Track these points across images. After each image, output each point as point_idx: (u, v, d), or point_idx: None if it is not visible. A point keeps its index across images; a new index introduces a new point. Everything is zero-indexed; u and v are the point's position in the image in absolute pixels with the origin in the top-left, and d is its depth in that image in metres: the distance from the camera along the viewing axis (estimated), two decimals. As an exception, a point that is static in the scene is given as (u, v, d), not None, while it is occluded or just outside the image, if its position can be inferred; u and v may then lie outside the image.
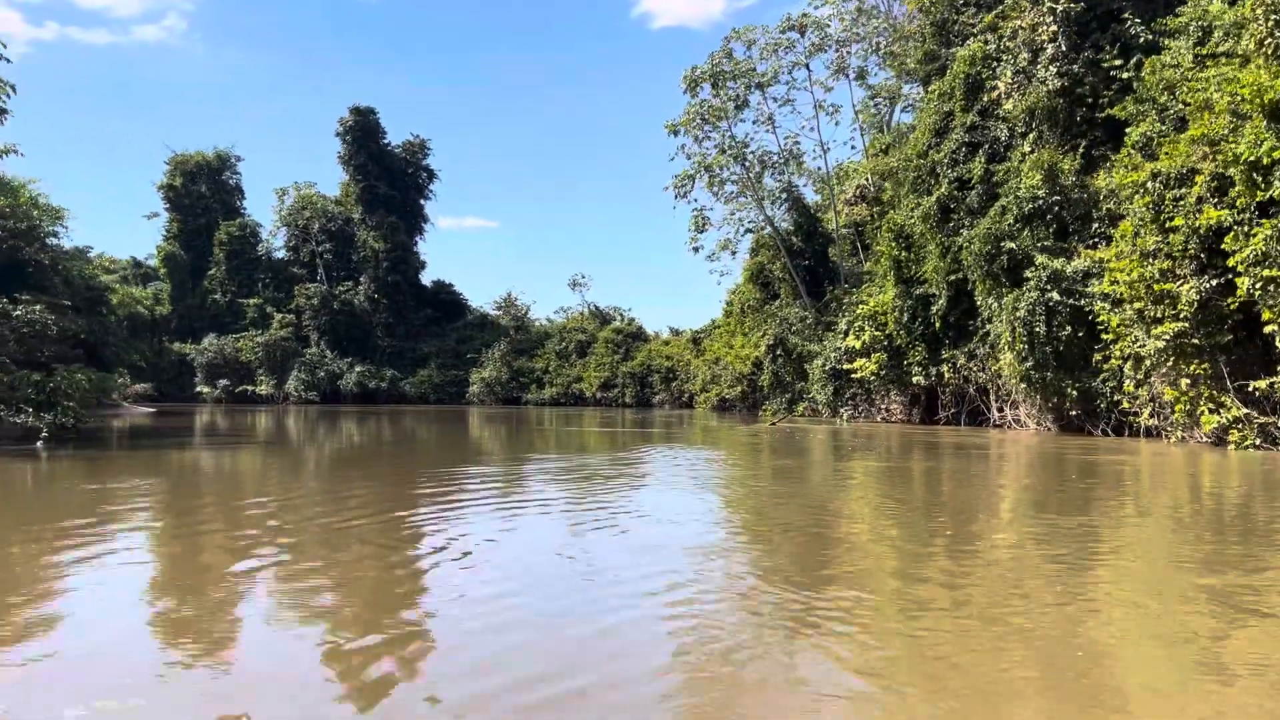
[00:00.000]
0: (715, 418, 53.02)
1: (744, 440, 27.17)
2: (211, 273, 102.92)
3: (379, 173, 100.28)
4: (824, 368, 40.37)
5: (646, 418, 52.06)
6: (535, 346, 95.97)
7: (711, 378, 60.38)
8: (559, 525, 11.76)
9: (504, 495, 15.16)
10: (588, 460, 21.76)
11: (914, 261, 35.48)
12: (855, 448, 23.74)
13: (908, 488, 15.62)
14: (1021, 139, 32.95)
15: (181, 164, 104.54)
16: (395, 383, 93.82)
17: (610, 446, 26.20)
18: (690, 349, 77.75)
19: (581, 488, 16.19)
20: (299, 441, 29.90)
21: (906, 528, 11.30)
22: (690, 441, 28.50)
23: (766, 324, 54.64)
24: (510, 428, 40.25)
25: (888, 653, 6.01)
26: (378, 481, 17.50)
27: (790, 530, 11.03)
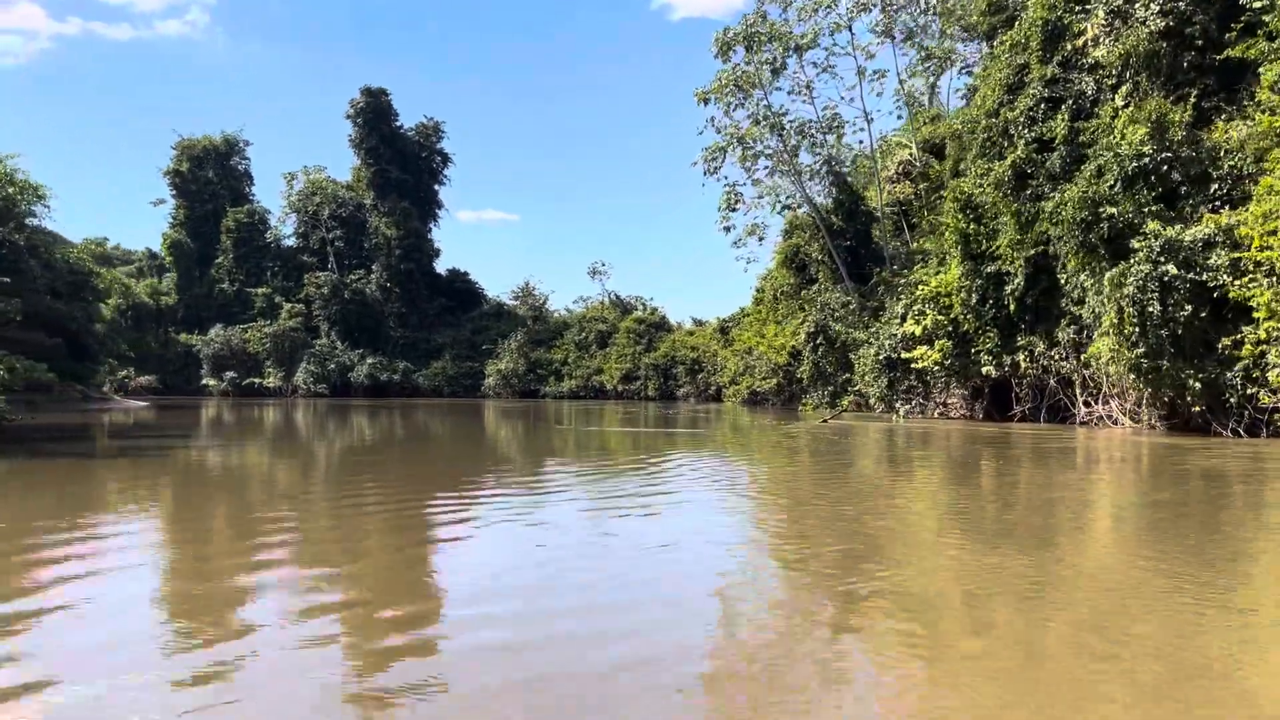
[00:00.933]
0: (747, 413, 48.76)
1: (795, 445, 22.81)
2: (219, 261, 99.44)
3: (391, 156, 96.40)
4: (877, 357, 36.02)
5: (672, 413, 47.87)
6: (554, 337, 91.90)
7: (744, 369, 56.08)
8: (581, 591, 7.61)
9: (521, 514, 11.13)
10: (611, 472, 17.64)
11: (984, 235, 31.07)
12: (966, 461, 19.43)
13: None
14: (1112, 91, 28.47)
15: (188, 149, 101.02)
16: (408, 375, 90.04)
17: (635, 450, 22.09)
18: (717, 339, 73.44)
19: (604, 506, 12.06)
20: (300, 442, 25.97)
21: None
22: (729, 446, 24.28)
23: (805, 311, 50.34)
24: (528, 424, 36.31)
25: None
26: (388, 500, 13.39)
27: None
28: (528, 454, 21.32)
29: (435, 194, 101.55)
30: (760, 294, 68.53)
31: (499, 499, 13.20)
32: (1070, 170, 28.66)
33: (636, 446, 22.78)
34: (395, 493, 13.88)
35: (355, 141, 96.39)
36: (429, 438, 28.30)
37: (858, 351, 41.90)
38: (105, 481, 15.30)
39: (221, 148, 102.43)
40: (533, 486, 15.29)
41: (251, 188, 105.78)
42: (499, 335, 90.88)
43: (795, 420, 37.03)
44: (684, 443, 23.68)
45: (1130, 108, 27.33)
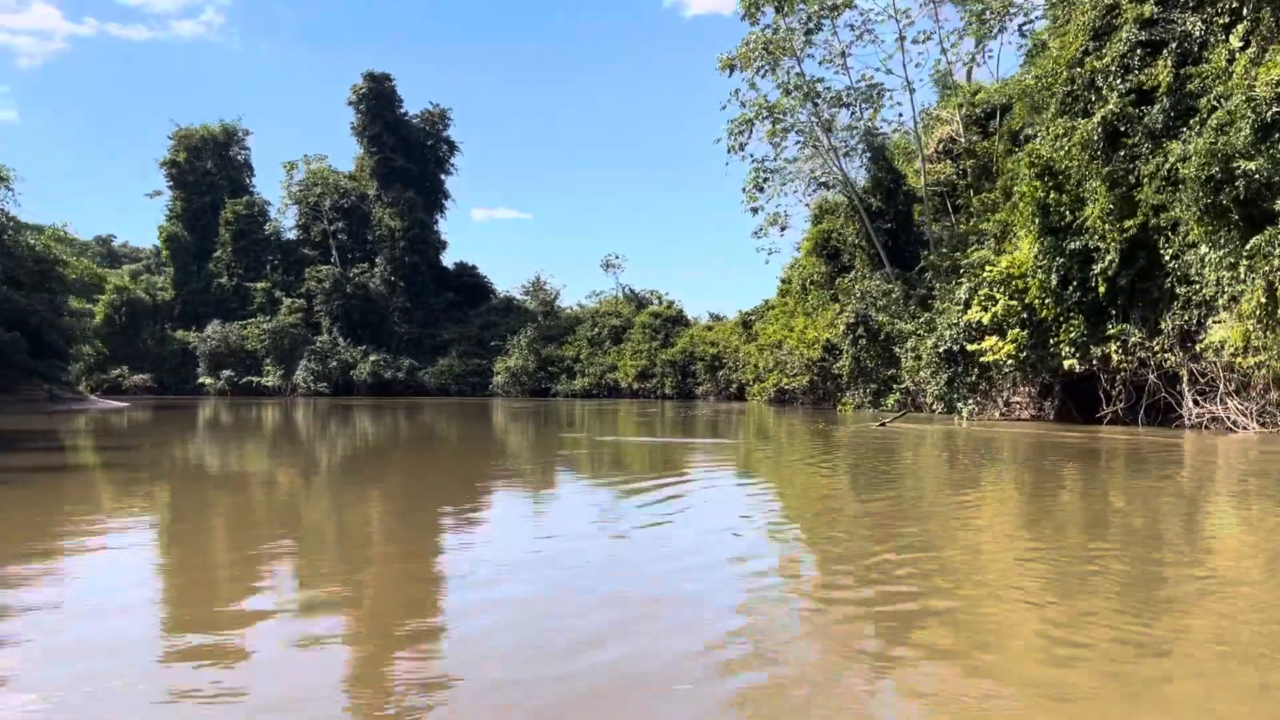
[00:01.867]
0: (775, 414, 44.26)
1: (862, 461, 18.19)
2: (217, 255, 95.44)
3: (395, 144, 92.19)
4: (934, 350, 31.41)
5: (692, 415, 43.47)
6: (565, 333, 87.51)
7: (774, 364, 51.45)
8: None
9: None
10: (628, 500, 13.25)
11: (1067, 206, 26.46)
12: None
13: None
14: (1225, 32, 23.85)
15: (185, 138, 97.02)
16: (413, 373, 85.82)
17: (657, 467, 17.73)
18: (738, 334, 68.88)
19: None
20: (281, 458, 21.61)
21: None
22: (769, 459, 19.87)
23: (840, 301, 45.79)
24: (536, 428, 32.02)
25: None
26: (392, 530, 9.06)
27: None
28: (530, 474, 16.92)
29: (441, 184, 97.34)
30: (786, 285, 63.96)
31: (493, 546, 8.81)
32: (1175, 126, 24.06)
33: (660, 463, 18.36)
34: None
35: (357, 129, 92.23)
36: (426, 447, 24.03)
37: (904, 344, 37.33)
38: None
39: (220, 137, 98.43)
40: (533, 514, 10.88)
41: (252, 179, 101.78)
42: (508, 331, 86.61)
43: (836, 423, 32.50)
44: (715, 457, 19.21)
45: (1251, 48, 22.73)
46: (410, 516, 11.27)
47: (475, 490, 14.29)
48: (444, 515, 11.24)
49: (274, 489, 14.07)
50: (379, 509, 12.04)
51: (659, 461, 18.09)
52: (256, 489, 14.03)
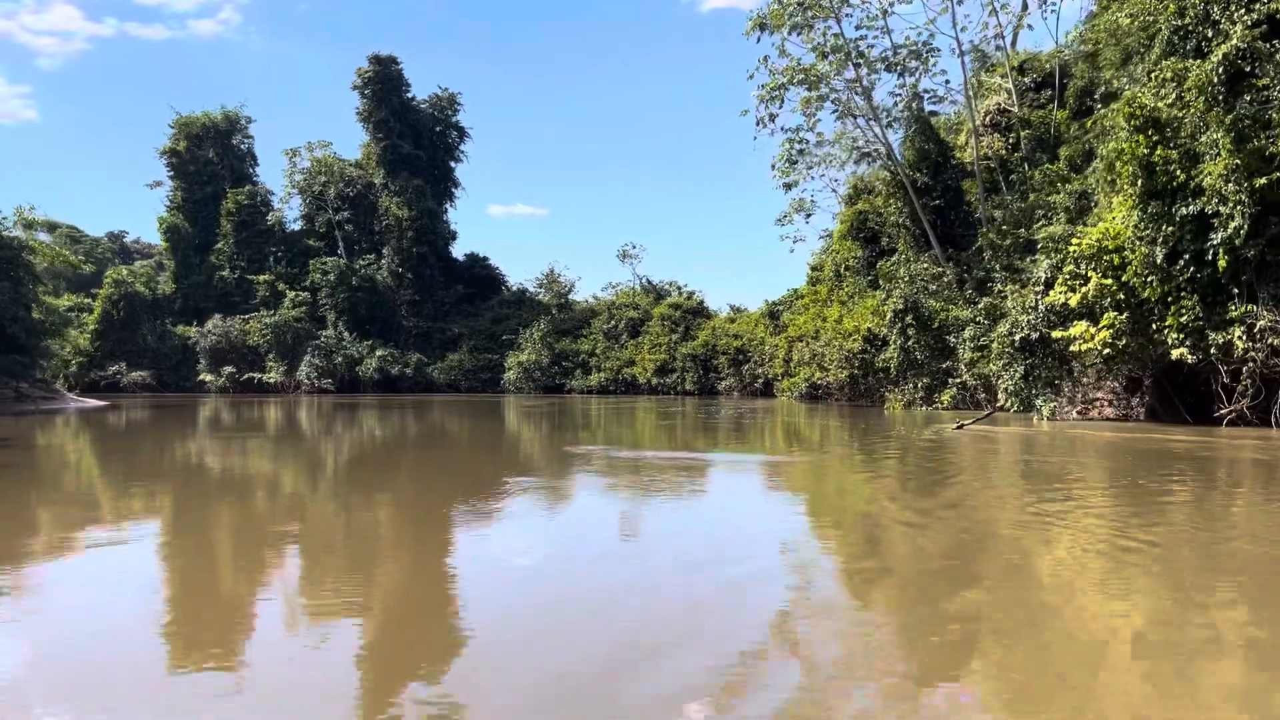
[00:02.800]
0: (811, 412, 40.13)
1: (984, 491, 13.89)
2: (218, 246, 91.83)
3: (402, 130, 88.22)
4: (1009, 337, 27.12)
5: (719, 414, 39.35)
6: (580, 326, 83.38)
7: (810, 356, 47.12)
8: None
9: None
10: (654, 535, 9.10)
11: (1178, 164, 22.11)
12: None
13: None
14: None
15: (186, 126, 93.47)
16: (421, 368, 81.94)
17: (685, 479, 13.74)
18: (765, 325, 64.57)
19: None
20: (273, 469, 17.68)
21: None
22: (831, 481, 15.72)
23: (885, 286, 41.47)
24: (547, 433, 28.09)
25: None
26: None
27: None
28: (537, 502, 12.85)
29: (451, 171, 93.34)
30: (816, 272, 59.69)
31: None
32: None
33: (692, 491, 14.25)
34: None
35: (363, 114, 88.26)
36: (456, 437, 20.10)
37: (960, 333, 33.06)
38: None
39: (222, 125, 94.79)
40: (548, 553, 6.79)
41: (255, 168, 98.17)
42: (520, 325, 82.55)
43: (892, 424, 28.27)
44: (788, 488, 15.08)
45: None
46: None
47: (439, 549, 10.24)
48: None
49: (208, 558, 10.01)
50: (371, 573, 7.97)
51: (709, 519, 13.73)
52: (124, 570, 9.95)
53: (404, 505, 12.66)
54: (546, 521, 10.95)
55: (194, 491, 13.69)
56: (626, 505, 12.11)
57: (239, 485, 14.46)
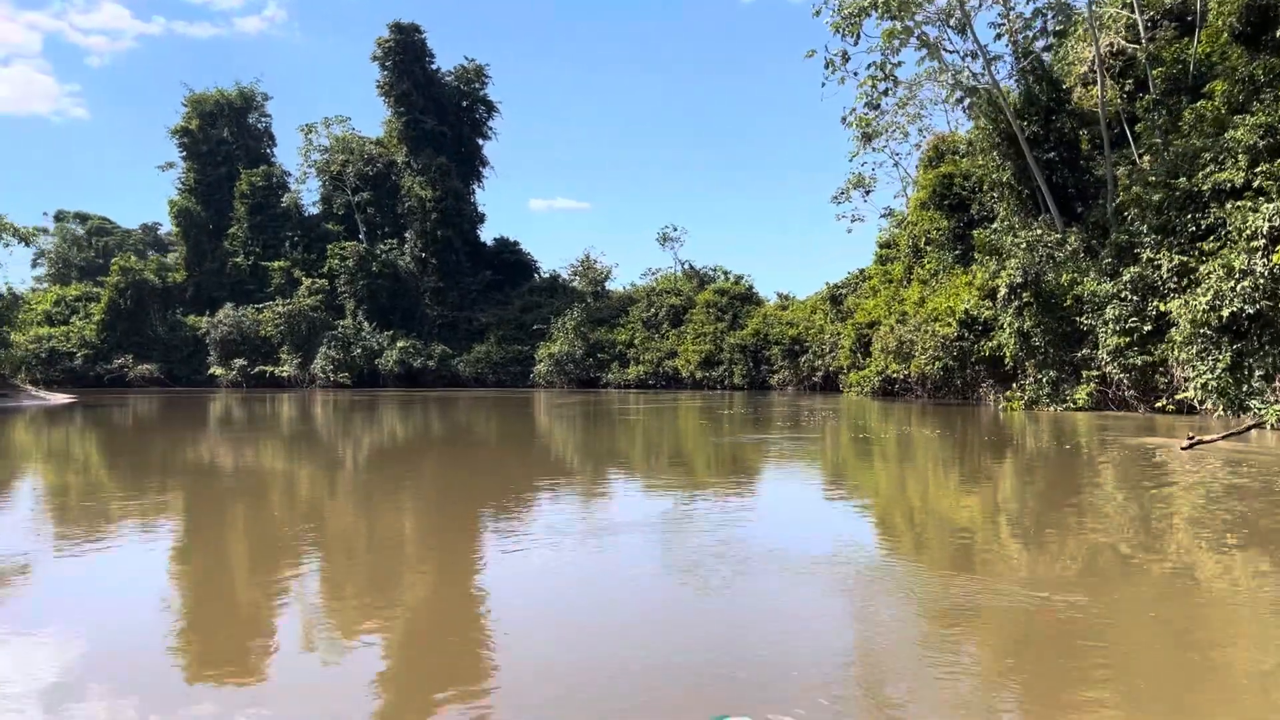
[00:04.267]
0: (891, 411, 33.14)
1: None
2: (232, 231, 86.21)
3: (425, 105, 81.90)
4: (1213, 311, 19.87)
5: (776, 412, 32.52)
6: (617, 314, 76.59)
7: (896, 344, 39.76)
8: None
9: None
10: None
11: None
12: None
13: None
14: None
15: (198, 104, 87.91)
16: (445, 361, 75.66)
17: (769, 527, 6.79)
18: (825, 311, 57.38)
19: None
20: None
21: None
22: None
23: (982, 260, 34.24)
24: (589, 431, 21.57)
25: None
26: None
27: None
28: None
29: (479, 149, 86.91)
30: (887, 249, 52.37)
31: None
32: None
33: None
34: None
35: (383, 87, 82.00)
36: (481, 449, 13.36)
37: (1100, 313, 25.82)
38: None
39: (237, 102, 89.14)
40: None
41: (273, 149, 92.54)
42: (552, 313, 75.89)
43: (1020, 433, 21.19)
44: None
45: None
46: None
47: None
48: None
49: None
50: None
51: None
52: None
53: (429, 535, 6.03)
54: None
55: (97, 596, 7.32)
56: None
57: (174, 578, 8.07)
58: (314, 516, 11.05)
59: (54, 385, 76.52)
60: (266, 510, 11.65)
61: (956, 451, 18.07)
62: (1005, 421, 25.20)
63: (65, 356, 79.03)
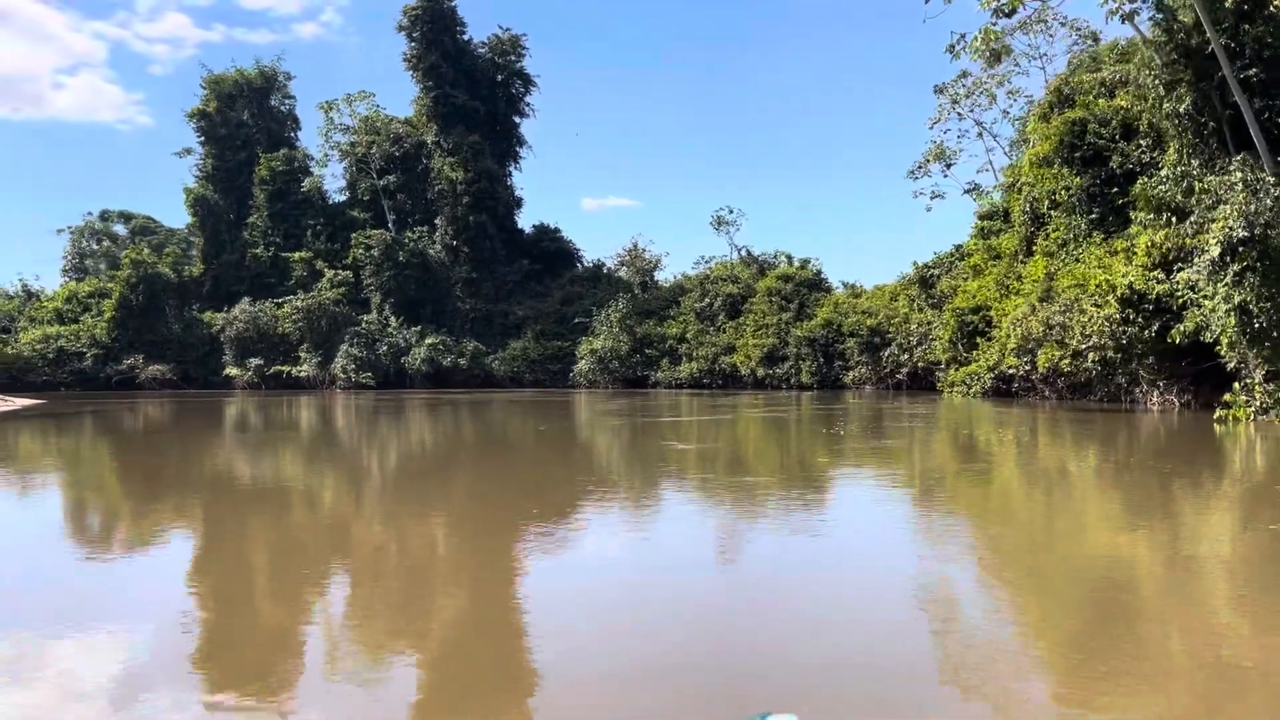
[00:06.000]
0: (1030, 419, 25.01)
1: None
2: (251, 220, 79.85)
3: (456, 78, 74.60)
4: None
5: (875, 425, 24.51)
6: (667, 306, 68.69)
7: (1042, 332, 30.97)
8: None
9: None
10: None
11: None
12: None
13: None
14: None
15: (216, 85, 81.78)
16: (478, 359, 68.40)
17: None
18: (912, 297, 48.95)
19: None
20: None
21: None
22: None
23: (1152, 215, 25.77)
24: (639, 449, 14.05)
25: None
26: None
27: None
28: None
29: (515, 127, 79.47)
30: (990, 221, 43.82)
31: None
32: None
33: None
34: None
35: (411, 60, 74.86)
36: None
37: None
38: None
39: (257, 82, 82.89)
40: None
41: (297, 133, 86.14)
42: (595, 305, 68.21)
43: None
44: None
45: None
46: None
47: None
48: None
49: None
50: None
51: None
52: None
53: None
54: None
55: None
56: None
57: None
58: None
59: (61, 388, 71.04)
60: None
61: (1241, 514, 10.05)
62: (1229, 440, 16.98)
63: (74, 357, 73.29)
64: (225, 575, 7.88)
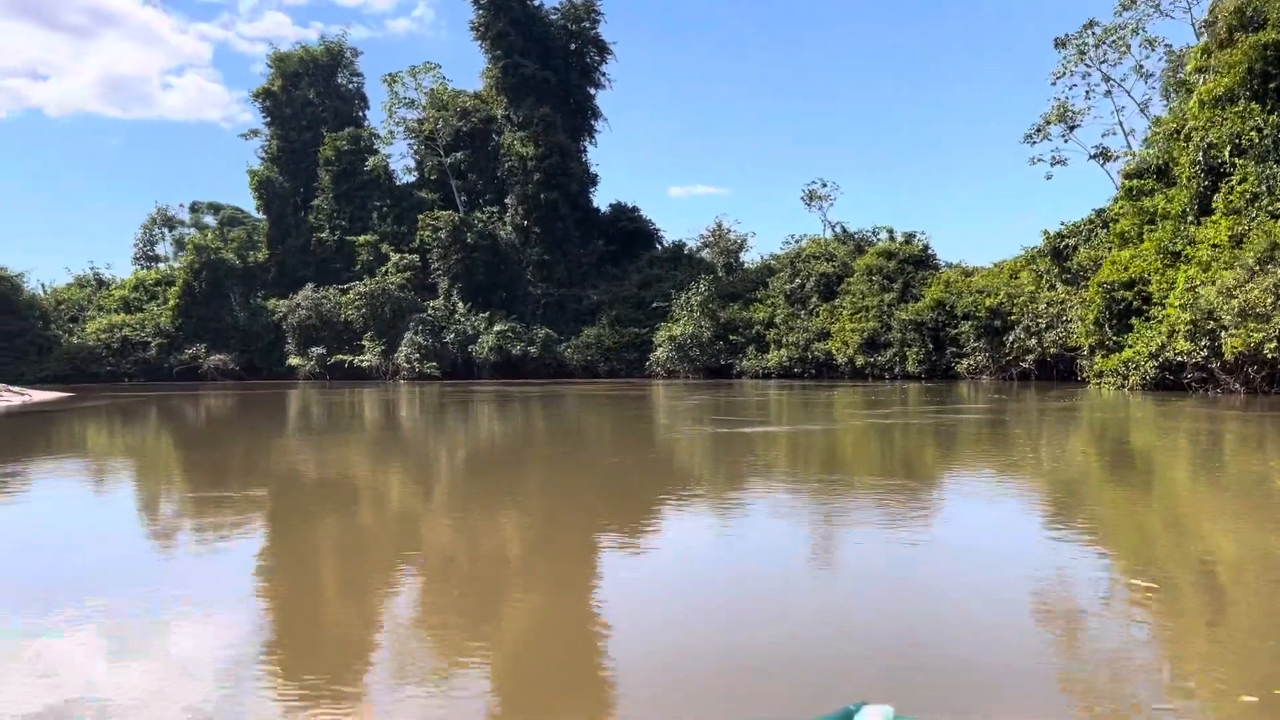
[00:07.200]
0: (1257, 425, 18.55)
1: None
2: (316, 202, 76.47)
3: (526, 46, 69.67)
4: None
5: (1104, 438, 18.39)
6: (753, 288, 62.72)
7: (1211, 313, 24.38)
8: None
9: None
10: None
11: None
12: None
13: None
14: None
15: (282, 63, 78.63)
16: (549, 347, 63.53)
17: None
18: (1045, 270, 42.15)
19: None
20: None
21: None
22: None
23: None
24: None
25: None
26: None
27: None
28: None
29: (590, 99, 74.18)
30: (1142, 180, 36.75)
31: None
32: None
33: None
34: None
35: (479, 28, 70.13)
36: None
37: None
38: None
39: (322, 59, 79.59)
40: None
41: (364, 113, 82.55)
42: (674, 287, 62.63)
43: None
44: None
45: None
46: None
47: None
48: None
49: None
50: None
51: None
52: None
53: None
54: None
55: None
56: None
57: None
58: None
59: (125, 379, 68.73)
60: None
61: None
62: None
63: (138, 346, 70.97)
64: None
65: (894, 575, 6.51)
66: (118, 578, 6.87)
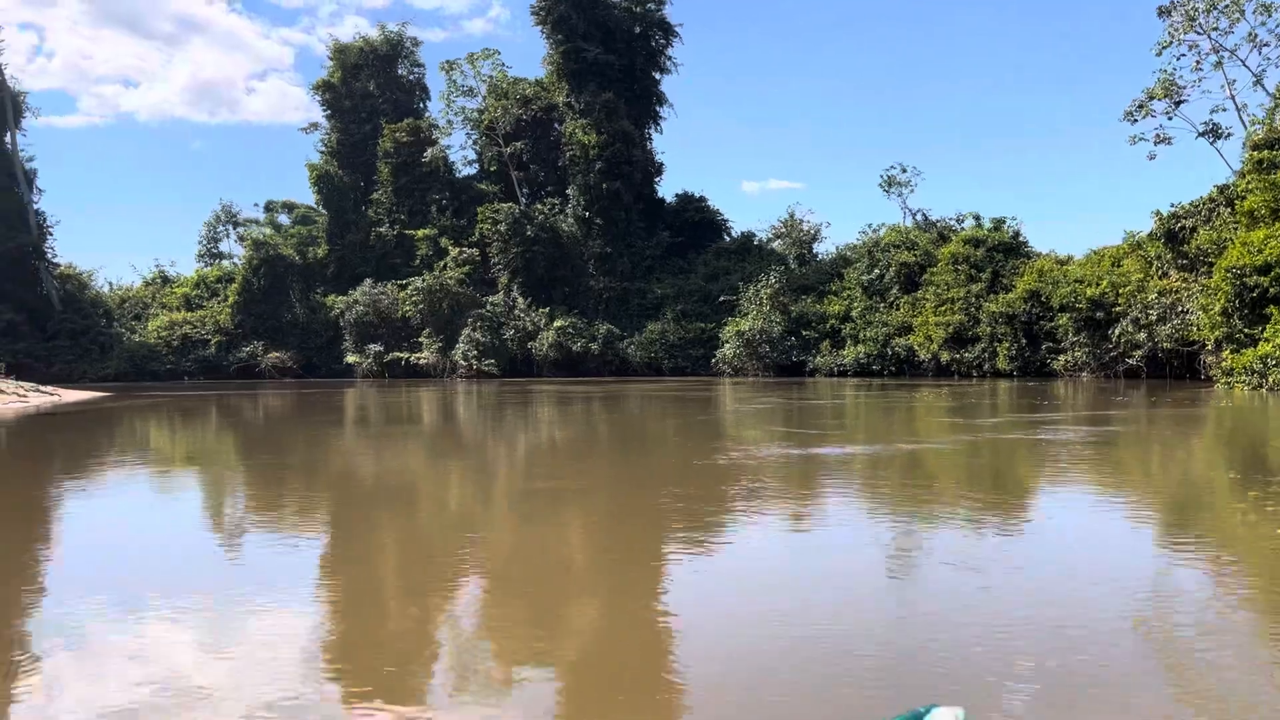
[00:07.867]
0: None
1: None
2: (375, 196, 74.74)
3: (588, 30, 66.76)
4: None
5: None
6: (827, 280, 58.93)
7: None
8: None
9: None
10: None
11: None
12: None
13: None
14: None
15: (342, 55, 77.11)
16: (611, 343, 60.65)
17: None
18: (1157, 256, 37.80)
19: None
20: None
21: None
22: None
23: None
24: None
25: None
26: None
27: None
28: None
29: (655, 84, 70.96)
30: (1273, 151, 32.29)
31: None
32: None
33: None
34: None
35: (539, 12, 67.49)
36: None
37: None
38: None
39: (382, 49, 77.82)
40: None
41: (425, 104, 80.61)
42: (742, 279, 59.21)
43: None
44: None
45: None
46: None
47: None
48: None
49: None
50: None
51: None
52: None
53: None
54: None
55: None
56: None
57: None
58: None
59: (184, 377, 67.90)
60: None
61: None
62: None
63: (198, 344, 70.07)
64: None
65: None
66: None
